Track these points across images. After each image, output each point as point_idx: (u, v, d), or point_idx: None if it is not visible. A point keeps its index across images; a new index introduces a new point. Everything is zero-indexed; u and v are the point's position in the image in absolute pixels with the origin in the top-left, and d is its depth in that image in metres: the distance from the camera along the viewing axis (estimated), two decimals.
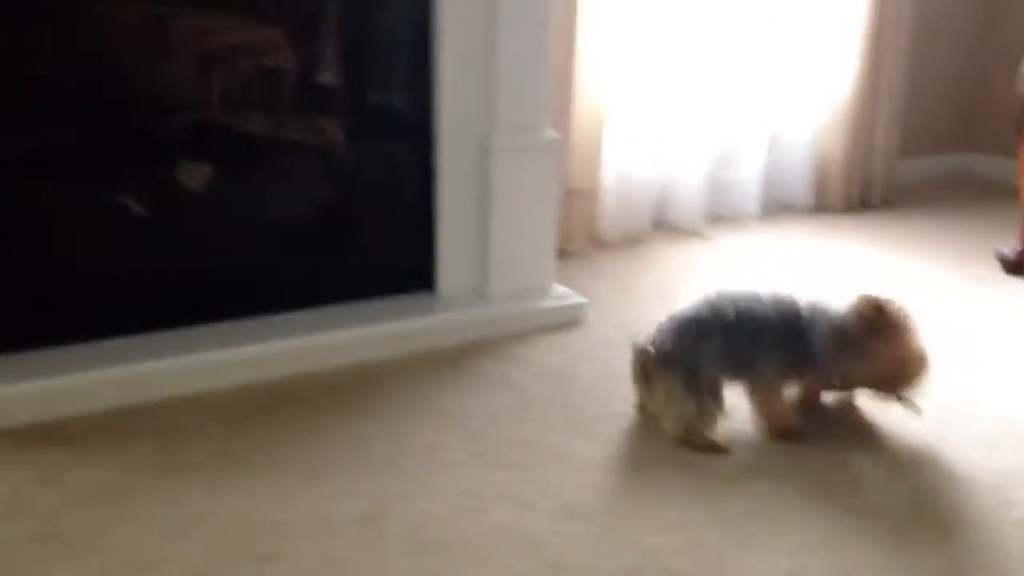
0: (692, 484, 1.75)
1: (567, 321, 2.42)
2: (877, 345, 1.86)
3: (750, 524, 1.64)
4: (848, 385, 1.98)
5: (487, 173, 2.33)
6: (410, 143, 2.34)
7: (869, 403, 1.99)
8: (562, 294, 2.47)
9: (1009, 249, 2.87)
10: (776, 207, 3.40)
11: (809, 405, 2.02)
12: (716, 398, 1.87)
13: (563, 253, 2.87)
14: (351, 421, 1.93)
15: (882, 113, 3.44)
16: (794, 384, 1.97)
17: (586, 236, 2.97)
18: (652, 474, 1.78)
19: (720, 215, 3.29)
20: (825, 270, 2.85)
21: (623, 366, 2.21)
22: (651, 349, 1.86)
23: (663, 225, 3.17)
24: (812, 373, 1.93)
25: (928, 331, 1.91)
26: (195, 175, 2.17)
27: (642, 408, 1.98)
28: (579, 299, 2.46)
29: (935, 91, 3.73)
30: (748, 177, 3.29)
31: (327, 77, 2.32)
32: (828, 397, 2.03)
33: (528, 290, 2.43)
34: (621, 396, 2.06)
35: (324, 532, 1.58)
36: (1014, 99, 2.81)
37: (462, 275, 2.40)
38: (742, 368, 1.89)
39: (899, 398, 1.92)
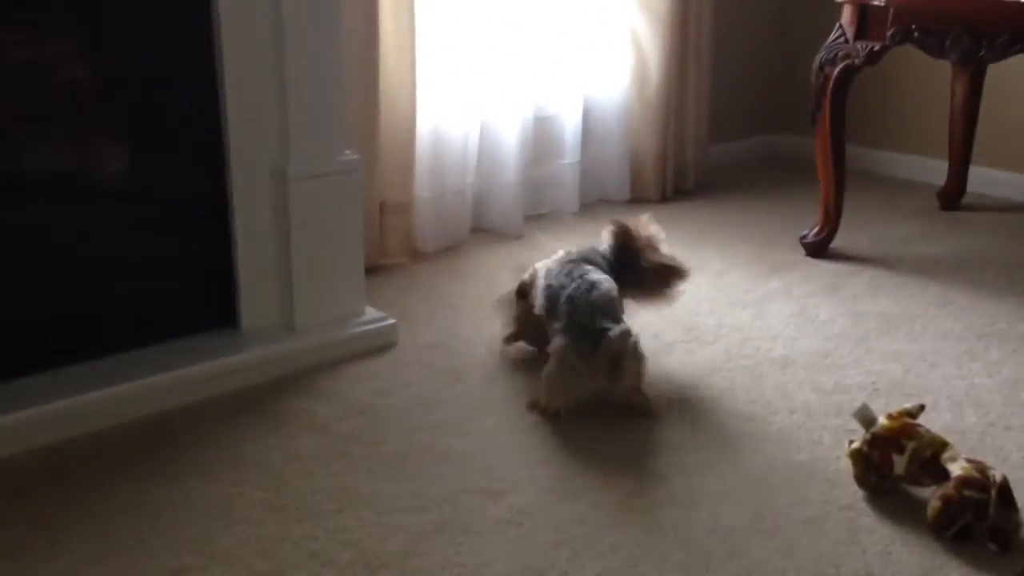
0: (496, 516, 1.74)
1: (378, 345, 2.37)
2: (635, 258, 2.23)
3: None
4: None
5: (285, 202, 2.26)
6: (202, 173, 2.24)
7: None
8: (372, 318, 2.42)
9: (812, 234, 2.97)
10: (594, 201, 3.43)
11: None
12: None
13: (380, 269, 2.82)
14: (140, 485, 1.83)
15: (690, 100, 3.50)
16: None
17: (403, 249, 2.92)
18: (459, 512, 1.77)
19: (540, 214, 3.30)
20: None
21: (431, 392, 2.19)
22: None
23: (482, 230, 3.16)
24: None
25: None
26: None
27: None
28: (389, 321, 2.42)
29: (740, 75, 3.82)
30: (565, 174, 3.31)
31: (108, 107, 2.20)
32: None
33: (337, 317, 2.37)
34: (427, 426, 2.04)
35: None
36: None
37: (266, 308, 2.32)
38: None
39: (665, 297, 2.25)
